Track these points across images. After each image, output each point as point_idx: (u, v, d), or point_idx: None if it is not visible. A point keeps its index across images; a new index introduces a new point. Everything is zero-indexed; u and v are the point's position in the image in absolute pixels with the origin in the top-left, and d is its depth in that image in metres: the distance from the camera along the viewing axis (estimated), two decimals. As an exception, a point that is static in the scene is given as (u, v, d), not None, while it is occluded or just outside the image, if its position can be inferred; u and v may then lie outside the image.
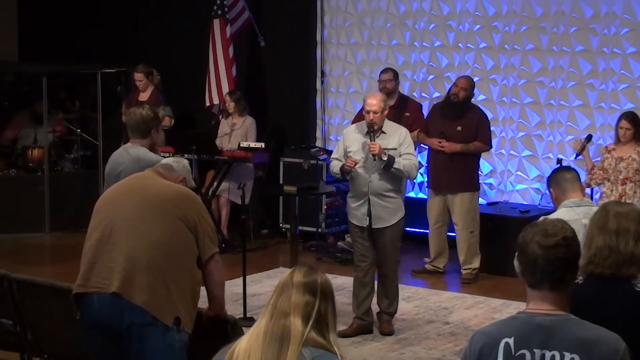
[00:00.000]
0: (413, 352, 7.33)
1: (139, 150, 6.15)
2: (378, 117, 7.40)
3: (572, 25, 9.83)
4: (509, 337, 3.06)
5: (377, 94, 7.90)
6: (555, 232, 3.07)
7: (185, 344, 4.70)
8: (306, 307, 2.97)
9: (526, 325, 3.07)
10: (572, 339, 3.02)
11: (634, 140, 8.54)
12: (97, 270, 4.75)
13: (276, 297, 3.01)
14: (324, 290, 3.02)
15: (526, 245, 3.09)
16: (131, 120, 6.25)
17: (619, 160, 8.53)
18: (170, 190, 4.89)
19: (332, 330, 3.00)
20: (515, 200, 10.21)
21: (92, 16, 12.58)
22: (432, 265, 9.58)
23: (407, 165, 7.41)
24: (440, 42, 10.56)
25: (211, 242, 4.82)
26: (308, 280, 3.02)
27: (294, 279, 3.02)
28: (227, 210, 10.49)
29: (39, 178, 11.39)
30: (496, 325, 3.17)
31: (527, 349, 3.04)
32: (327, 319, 3.00)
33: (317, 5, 11.18)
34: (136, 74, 10.80)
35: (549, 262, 3.05)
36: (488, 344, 3.09)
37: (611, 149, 8.65)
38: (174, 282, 4.67)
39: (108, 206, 4.90)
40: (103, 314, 4.70)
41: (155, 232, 4.71)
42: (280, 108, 11.37)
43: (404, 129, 7.65)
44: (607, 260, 3.88)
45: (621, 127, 8.55)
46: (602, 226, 3.95)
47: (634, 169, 8.47)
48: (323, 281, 3.04)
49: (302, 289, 2.99)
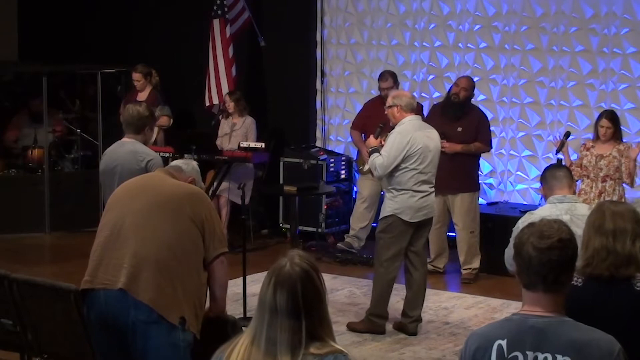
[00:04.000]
0: (413, 352, 7.32)
1: (135, 145, 6.35)
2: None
3: (572, 25, 9.83)
4: (502, 339, 3.04)
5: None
6: (550, 234, 3.04)
7: (189, 343, 4.71)
8: (295, 335, 2.80)
9: (519, 327, 3.05)
10: (565, 341, 2.99)
11: (614, 139, 8.57)
12: (104, 266, 4.77)
13: (260, 318, 2.85)
14: (308, 300, 2.82)
15: (521, 246, 3.07)
16: (127, 116, 6.45)
17: (599, 158, 8.55)
18: (181, 189, 4.91)
19: (328, 335, 2.86)
20: (515, 200, 10.21)
21: (92, 16, 12.58)
22: (432, 265, 9.57)
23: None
24: (440, 42, 10.56)
25: (219, 242, 4.83)
26: (290, 293, 2.81)
27: (277, 300, 2.82)
28: (227, 210, 10.49)
29: (39, 178, 11.39)
30: (491, 326, 3.16)
31: (520, 351, 3.02)
32: (318, 330, 2.84)
33: (317, 5, 11.18)
34: (134, 74, 10.80)
35: (543, 264, 3.02)
36: (482, 346, 3.08)
37: (590, 147, 8.66)
38: (180, 281, 4.68)
39: (119, 204, 4.93)
40: (109, 310, 4.71)
41: (164, 231, 4.72)
42: (280, 108, 11.37)
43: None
44: (605, 261, 3.86)
45: (602, 126, 8.55)
46: (598, 227, 3.92)
47: (614, 167, 8.50)
48: (305, 287, 2.84)
49: (287, 313, 2.80)
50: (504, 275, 9.35)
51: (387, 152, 7.40)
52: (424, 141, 7.48)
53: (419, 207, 7.50)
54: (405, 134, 7.42)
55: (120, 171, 6.28)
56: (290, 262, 2.87)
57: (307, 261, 2.89)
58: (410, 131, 7.44)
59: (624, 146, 8.57)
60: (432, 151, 7.55)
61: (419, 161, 7.45)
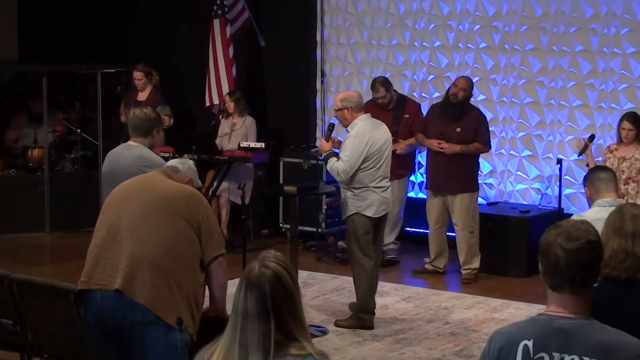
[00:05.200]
0: (413, 352, 7.32)
1: (142, 150, 6.17)
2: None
3: (572, 25, 9.83)
4: (528, 340, 3.01)
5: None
6: (579, 236, 3.02)
7: (187, 344, 4.70)
8: (265, 338, 2.77)
9: (546, 328, 3.03)
10: (592, 343, 2.97)
11: (637, 141, 8.59)
12: (101, 267, 4.77)
13: (233, 324, 2.83)
14: (277, 302, 2.79)
15: (549, 247, 3.03)
16: (134, 119, 6.28)
17: (622, 160, 8.56)
18: (178, 190, 4.90)
19: (301, 337, 2.81)
20: (515, 200, 10.20)
21: (92, 16, 12.58)
22: (432, 265, 9.58)
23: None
24: (440, 42, 10.56)
25: (216, 244, 4.82)
26: (259, 296, 2.79)
27: (247, 303, 2.80)
28: (227, 210, 10.49)
29: (39, 178, 11.39)
30: (516, 326, 3.13)
31: (546, 352, 2.99)
32: (293, 330, 2.80)
33: (317, 5, 11.17)
34: (136, 73, 10.80)
35: (571, 266, 2.99)
36: (507, 345, 3.05)
37: (613, 149, 8.69)
38: (177, 282, 4.68)
39: (115, 204, 4.92)
40: (106, 311, 4.71)
41: (161, 231, 4.72)
42: (280, 108, 11.37)
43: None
44: (623, 263, 3.85)
45: (623, 128, 8.60)
46: (618, 228, 3.92)
47: (636, 169, 8.52)
48: (273, 289, 2.79)
49: (256, 315, 2.77)
50: (504, 275, 9.41)
51: (347, 156, 7.59)
52: (380, 140, 7.71)
53: (380, 202, 7.72)
54: (363, 136, 7.61)
55: (124, 175, 6.03)
56: (259, 265, 2.86)
57: (278, 262, 2.87)
58: (366, 132, 7.64)
59: None
60: (387, 148, 7.78)
61: (377, 160, 7.67)
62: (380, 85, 9.72)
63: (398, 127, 9.68)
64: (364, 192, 7.65)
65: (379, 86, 9.72)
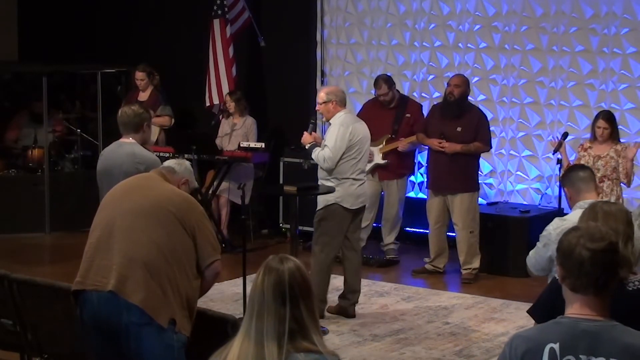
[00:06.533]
0: (413, 352, 7.32)
1: (134, 147, 6.19)
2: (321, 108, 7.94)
3: (572, 25, 9.83)
4: (554, 343, 3.01)
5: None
6: (602, 237, 3.03)
7: (183, 344, 4.70)
8: (281, 324, 2.83)
9: (571, 330, 3.02)
10: (619, 345, 2.98)
11: (611, 139, 8.59)
12: (95, 267, 4.77)
13: (250, 311, 2.89)
14: (294, 289, 2.87)
15: (572, 250, 3.02)
16: (123, 117, 6.34)
17: (597, 159, 8.57)
18: (172, 194, 4.90)
19: (314, 332, 2.87)
20: (515, 200, 10.20)
21: (92, 16, 12.58)
22: (432, 265, 9.58)
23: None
24: (440, 42, 10.56)
25: (212, 249, 4.83)
26: (277, 280, 2.88)
27: (264, 287, 2.89)
28: (227, 210, 10.49)
29: (39, 178, 11.39)
30: (538, 329, 3.12)
31: (573, 355, 2.99)
32: (306, 320, 2.85)
33: (317, 5, 11.17)
34: (138, 73, 10.80)
35: (596, 266, 3.00)
36: (532, 349, 3.03)
37: (587, 147, 8.69)
38: (170, 283, 4.68)
39: (111, 205, 4.93)
40: (102, 311, 4.71)
41: (154, 232, 4.72)
42: (280, 108, 11.37)
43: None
44: None
45: (599, 127, 8.59)
46: None
47: (611, 167, 8.53)
48: (291, 277, 2.89)
49: (273, 298, 2.85)
50: (504, 275, 9.41)
51: (332, 144, 7.73)
52: (361, 132, 7.87)
53: (358, 194, 7.87)
54: (347, 125, 7.79)
55: (117, 173, 6.03)
56: (280, 257, 2.97)
57: (297, 261, 2.97)
58: (350, 123, 7.85)
59: (621, 146, 8.59)
60: (367, 142, 7.96)
61: (358, 151, 7.82)
62: (383, 82, 9.75)
63: (399, 126, 9.70)
64: (343, 183, 7.78)
65: (382, 83, 9.74)
